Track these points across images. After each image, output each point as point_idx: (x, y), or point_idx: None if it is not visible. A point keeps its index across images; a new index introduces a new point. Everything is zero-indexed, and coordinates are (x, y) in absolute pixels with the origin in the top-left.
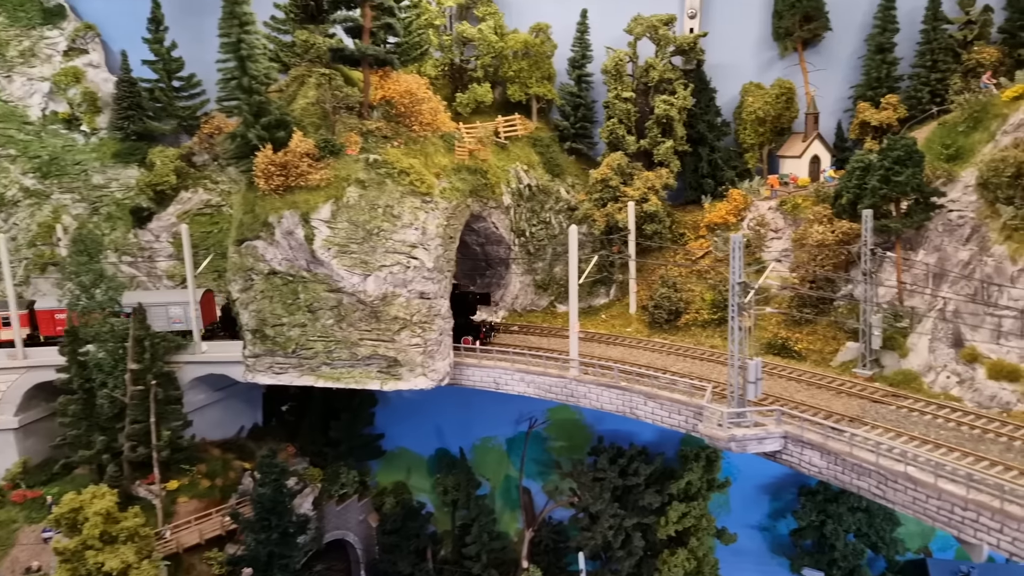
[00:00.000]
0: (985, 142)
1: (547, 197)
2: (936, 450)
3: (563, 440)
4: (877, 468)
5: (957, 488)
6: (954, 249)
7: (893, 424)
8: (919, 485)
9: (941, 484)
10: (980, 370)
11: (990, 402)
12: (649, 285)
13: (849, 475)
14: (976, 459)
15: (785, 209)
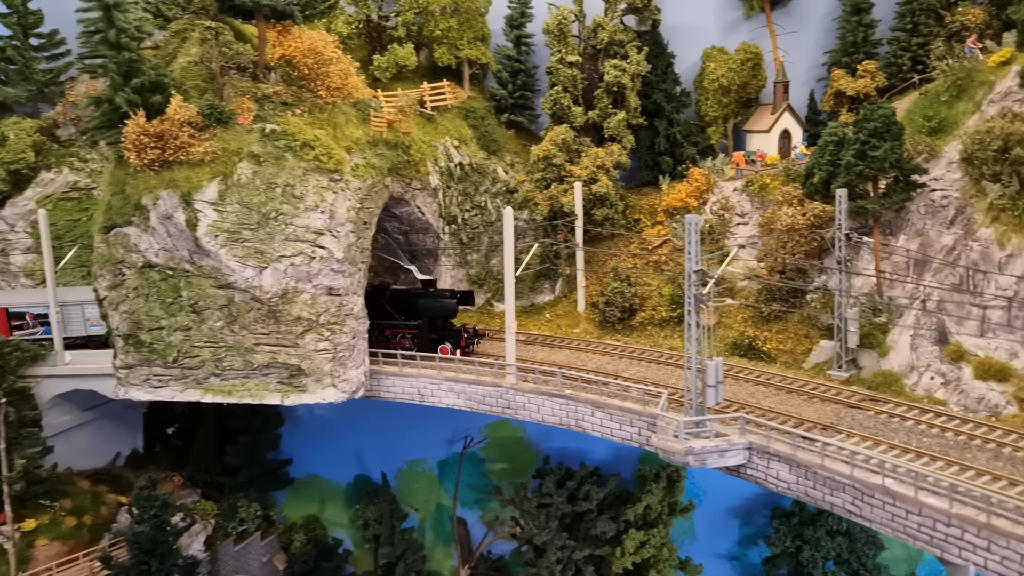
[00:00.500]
0: (970, 113)
1: (482, 177)
2: (917, 460)
3: (504, 461)
4: (852, 481)
5: (939, 501)
6: (937, 233)
7: (871, 432)
8: (898, 499)
9: (922, 497)
10: (966, 369)
11: (977, 405)
12: (600, 279)
13: (821, 490)
14: (961, 469)
15: (752, 190)
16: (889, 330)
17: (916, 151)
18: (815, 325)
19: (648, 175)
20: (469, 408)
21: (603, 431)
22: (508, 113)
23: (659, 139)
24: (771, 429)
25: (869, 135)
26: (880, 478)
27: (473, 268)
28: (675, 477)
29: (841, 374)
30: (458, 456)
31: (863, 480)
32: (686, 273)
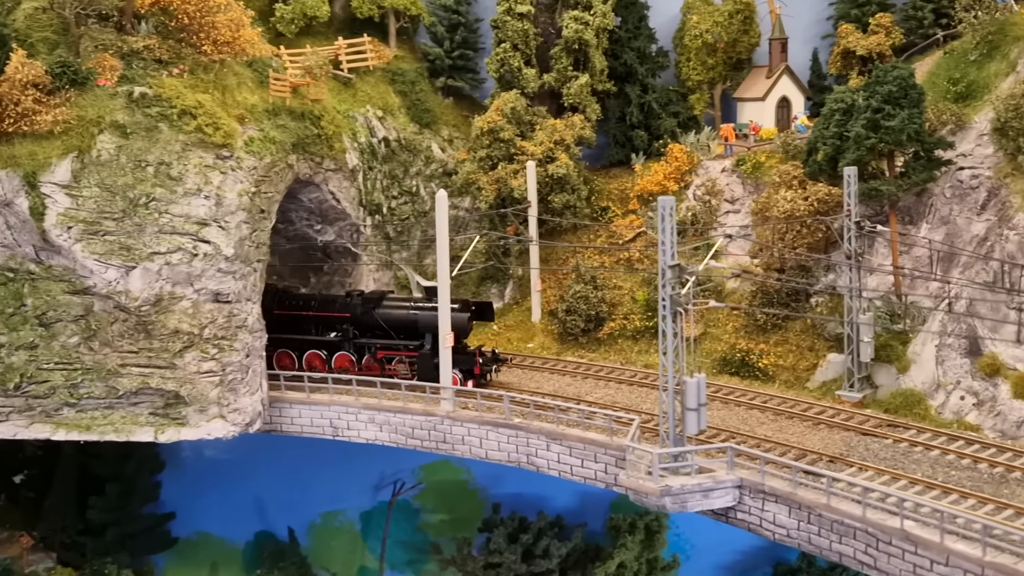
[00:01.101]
0: (1004, 75)
1: (413, 156)
2: (945, 497)
3: (443, 512)
4: (864, 525)
5: (971, 548)
6: (966, 220)
7: (888, 464)
8: (920, 546)
9: (949, 543)
10: (1003, 387)
11: (1017, 430)
12: (559, 281)
13: (827, 537)
14: (997, 507)
15: (743, 171)
16: (911, 340)
17: (940, 121)
18: (821, 335)
19: (618, 153)
20: (395, 443)
21: (561, 469)
22: (445, 77)
23: (631, 109)
24: (766, 462)
25: (882, 101)
26: (899, 520)
27: (402, 269)
28: (655, 527)
29: (853, 395)
30: (385, 506)
31: (878, 523)
32: (660, 269)
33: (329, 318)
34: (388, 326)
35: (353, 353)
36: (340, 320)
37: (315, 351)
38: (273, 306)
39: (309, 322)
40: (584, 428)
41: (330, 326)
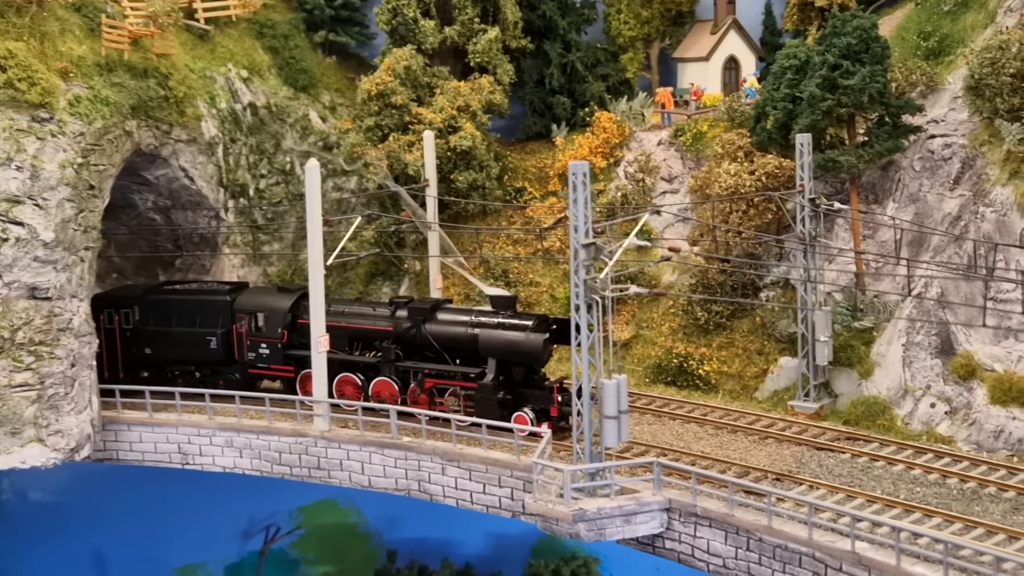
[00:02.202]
0: (982, 27)
1: (286, 127)
2: (906, 516)
3: (328, 562)
4: (811, 549)
5: (932, 572)
6: (938, 197)
7: (844, 481)
8: (874, 570)
9: (907, 566)
10: (979, 391)
11: (995, 441)
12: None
13: (769, 566)
14: (966, 527)
15: (683, 142)
16: (875, 339)
17: (909, 82)
18: (772, 335)
19: (536, 124)
20: (259, 472)
21: (459, 497)
22: (326, 31)
23: (551, 71)
24: (699, 479)
25: (840, 56)
26: (849, 542)
27: (274, 263)
28: (581, 572)
29: (808, 405)
30: (256, 557)
31: (826, 546)
32: (571, 249)
33: (367, 332)
34: (441, 346)
35: (396, 379)
36: (380, 335)
37: (349, 374)
38: (298, 313)
39: (342, 337)
40: (486, 447)
41: (368, 343)
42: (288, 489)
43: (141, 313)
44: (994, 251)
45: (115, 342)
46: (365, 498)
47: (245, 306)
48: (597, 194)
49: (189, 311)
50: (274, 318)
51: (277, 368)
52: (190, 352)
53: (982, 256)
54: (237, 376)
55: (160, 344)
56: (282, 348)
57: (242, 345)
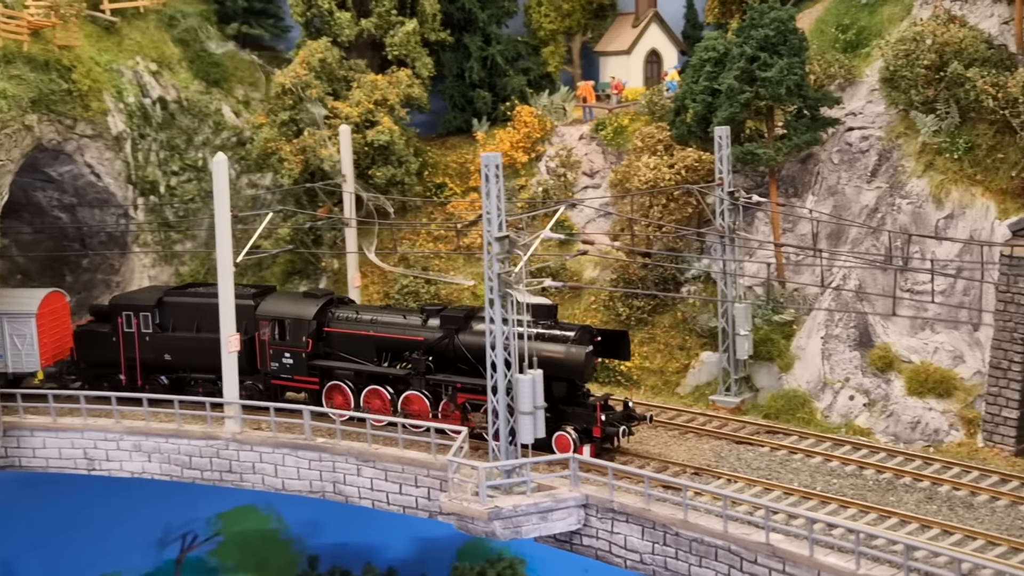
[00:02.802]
0: (899, 19)
1: (198, 122)
2: (822, 508)
3: (248, 570)
4: (726, 542)
5: (844, 561)
6: (856, 190)
7: (762, 475)
8: (788, 562)
9: (820, 557)
10: (897, 383)
11: (911, 432)
12: (384, 275)
13: (686, 560)
14: (880, 516)
15: (604, 136)
16: (795, 332)
17: (827, 75)
18: (693, 330)
19: (456, 119)
20: (169, 477)
21: (375, 498)
22: (239, 23)
23: (471, 64)
24: (616, 475)
25: (757, 48)
26: (764, 534)
27: (186, 262)
28: (508, 575)
29: (729, 400)
30: (172, 565)
31: (741, 539)
32: (484, 242)
33: (396, 342)
34: (475, 358)
35: (427, 394)
36: (410, 346)
37: (377, 387)
38: (324, 320)
39: (369, 347)
40: (403, 447)
41: (398, 354)
42: (206, 495)
43: (161, 317)
44: (908, 242)
45: (134, 347)
46: (286, 503)
47: (268, 312)
48: (519, 189)
49: (211, 316)
50: (298, 326)
51: (301, 379)
52: (211, 360)
53: (898, 248)
54: (260, 387)
55: (180, 351)
56: (307, 358)
57: (265, 354)
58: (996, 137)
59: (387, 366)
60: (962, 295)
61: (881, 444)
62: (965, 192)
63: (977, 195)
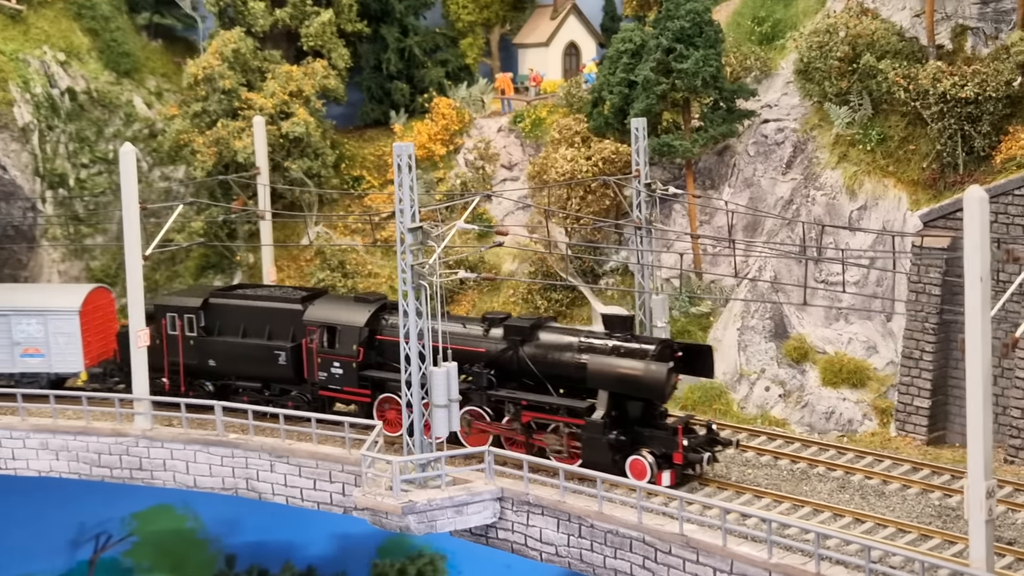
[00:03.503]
0: (814, 12)
1: (109, 113)
2: (737, 498)
3: (164, 570)
4: (641, 533)
5: (756, 551)
6: (771, 181)
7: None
8: (702, 552)
9: (733, 547)
10: (811, 373)
11: (826, 422)
12: (301, 268)
13: (601, 552)
14: (794, 505)
15: (522, 129)
16: (711, 324)
17: (743, 67)
18: None
19: (374, 111)
20: (78, 475)
21: (288, 494)
22: (150, 12)
23: (388, 56)
24: (532, 467)
25: (673, 40)
26: (678, 525)
27: (97, 257)
28: (429, 572)
29: None
30: (86, 566)
31: (655, 530)
32: (397, 233)
33: (455, 354)
34: (542, 373)
35: (488, 410)
36: (471, 358)
37: None
38: (376, 327)
39: None
40: (317, 442)
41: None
42: (121, 495)
43: (206, 319)
44: (822, 234)
45: (177, 350)
46: (203, 502)
47: (316, 318)
48: (437, 182)
49: (257, 320)
50: (348, 333)
51: (351, 391)
52: (257, 367)
53: (812, 239)
54: (308, 397)
55: (225, 356)
56: (357, 368)
57: (312, 363)
58: (908, 129)
59: None
60: (875, 286)
61: (796, 434)
62: (878, 183)
63: (889, 186)
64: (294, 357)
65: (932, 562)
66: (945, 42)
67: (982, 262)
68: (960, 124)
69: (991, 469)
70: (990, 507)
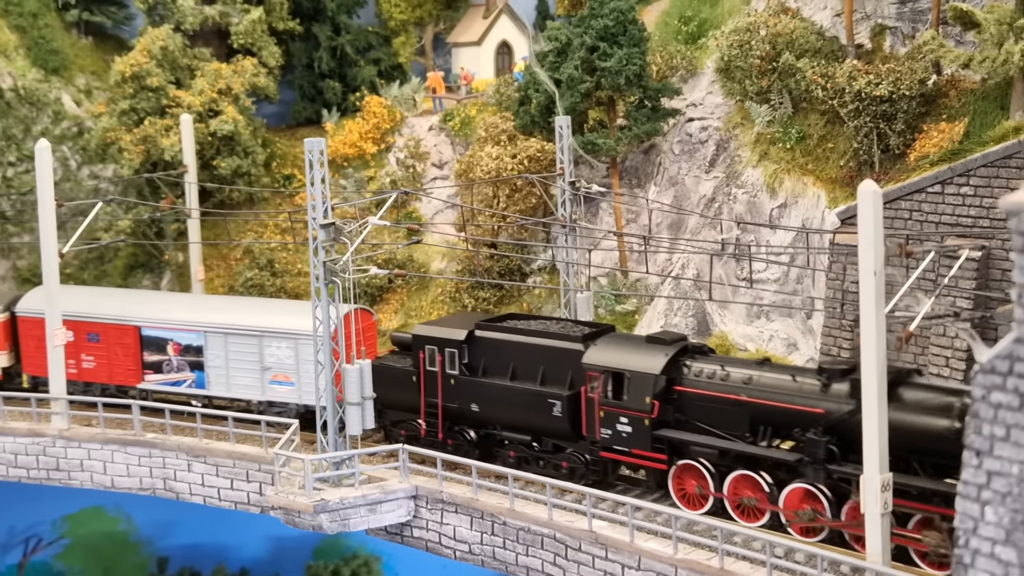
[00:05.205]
0: (740, 11)
1: (36, 111)
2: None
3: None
4: (552, 530)
5: (662, 547)
6: (695, 180)
7: None
8: (611, 548)
9: (640, 543)
10: None
11: None
12: (230, 267)
13: (513, 548)
14: None
15: (452, 127)
16: (637, 322)
17: (670, 66)
18: None
19: (306, 109)
20: None
21: (206, 494)
22: (80, 9)
23: (320, 54)
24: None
25: (597, 38)
26: (587, 521)
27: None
28: (363, 573)
29: None
30: (15, 570)
31: (566, 527)
32: (309, 229)
33: (782, 413)
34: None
35: (825, 490)
36: (803, 420)
37: (749, 473)
38: (675, 376)
39: (741, 416)
40: (235, 441)
41: (784, 429)
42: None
43: (471, 355)
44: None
45: (436, 390)
46: (136, 504)
47: (599, 362)
48: (368, 180)
49: (529, 359)
50: (639, 382)
51: (641, 454)
52: (527, 417)
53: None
54: (584, 458)
55: (490, 400)
56: (650, 426)
57: (593, 417)
58: (827, 127)
59: (766, 445)
60: (795, 283)
61: None
62: (798, 181)
63: (809, 184)
64: (571, 408)
65: (834, 557)
66: (865, 41)
67: (875, 256)
68: (875, 122)
69: (887, 462)
70: (886, 500)
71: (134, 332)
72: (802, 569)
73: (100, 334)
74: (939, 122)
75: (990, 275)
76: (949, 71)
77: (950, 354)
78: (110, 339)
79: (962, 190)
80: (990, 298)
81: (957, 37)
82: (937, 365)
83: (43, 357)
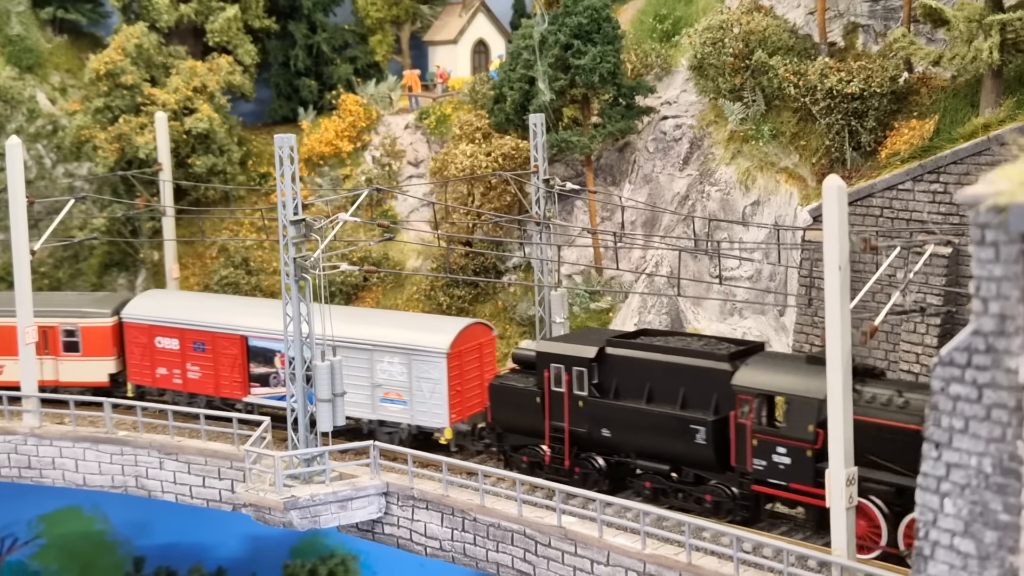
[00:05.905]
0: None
1: (11, 109)
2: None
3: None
4: (522, 526)
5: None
6: (669, 178)
7: None
8: (580, 544)
9: (609, 538)
10: None
11: None
12: (205, 266)
13: (483, 545)
14: None
15: (428, 125)
16: (611, 319)
17: (644, 64)
18: (513, 319)
19: (282, 108)
20: None
21: (178, 492)
22: (54, 7)
23: (296, 52)
24: (417, 462)
25: (571, 36)
26: (556, 517)
27: None
28: (340, 572)
29: None
30: None
31: (536, 523)
32: (279, 226)
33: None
34: None
35: None
36: None
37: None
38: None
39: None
40: (206, 438)
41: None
42: (28, 496)
43: (601, 375)
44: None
45: (562, 413)
46: (112, 504)
47: (751, 383)
48: (344, 179)
49: (668, 380)
50: (802, 408)
51: (802, 489)
52: (665, 444)
53: (707, 234)
54: (732, 492)
55: (623, 425)
56: (812, 458)
57: (744, 445)
58: (799, 124)
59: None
60: (768, 280)
61: None
62: (770, 179)
63: (781, 182)
64: (717, 435)
65: (801, 552)
66: (837, 39)
67: (840, 251)
68: (847, 119)
69: (852, 457)
70: (851, 495)
71: (240, 342)
72: (770, 563)
73: (207, 343)
74: (910, 119)
75: (960, 271)
76: (920, 68)
77: (920, 350)
78: (217, 349)
79: (933, 187)
80: (959, 294)
81: (928, 35)
82: (908, 361)
83: (149, 365)
